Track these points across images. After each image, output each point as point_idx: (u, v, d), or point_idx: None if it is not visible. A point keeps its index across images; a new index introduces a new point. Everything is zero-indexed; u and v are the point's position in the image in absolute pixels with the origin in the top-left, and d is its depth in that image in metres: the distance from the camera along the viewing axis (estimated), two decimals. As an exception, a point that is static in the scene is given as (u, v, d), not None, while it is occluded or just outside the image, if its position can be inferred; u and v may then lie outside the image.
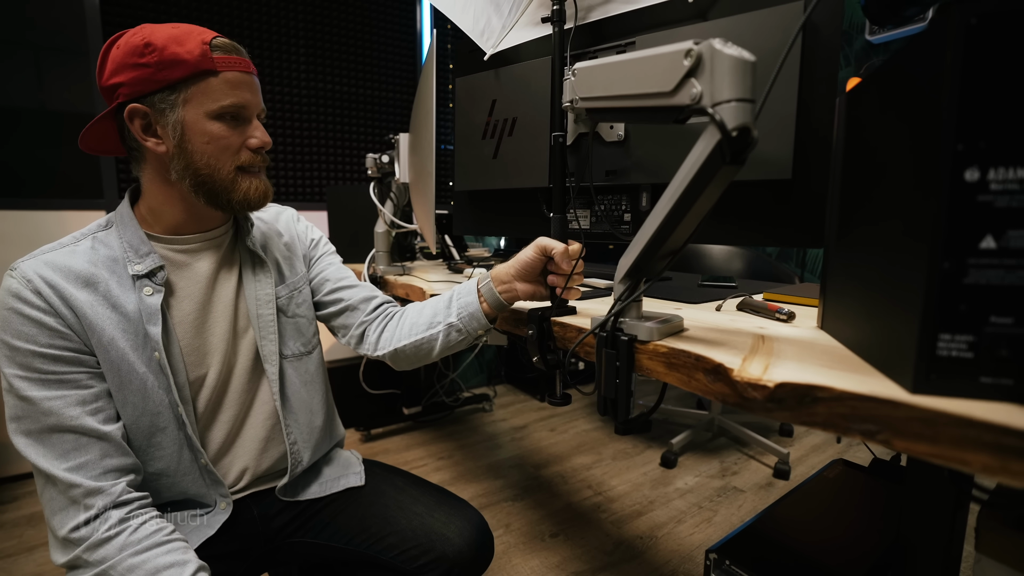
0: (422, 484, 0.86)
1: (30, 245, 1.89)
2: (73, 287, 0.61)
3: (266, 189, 0.71)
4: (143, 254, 0.66)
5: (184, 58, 0.61)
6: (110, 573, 0.57)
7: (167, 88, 0.62)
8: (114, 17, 1.88)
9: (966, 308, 0.37)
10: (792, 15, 0.59)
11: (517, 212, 0.92)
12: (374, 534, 0.77)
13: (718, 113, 0.42)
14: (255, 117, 0.69)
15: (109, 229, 0.68)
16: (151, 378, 0.65)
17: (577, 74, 0.63)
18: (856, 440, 0.54)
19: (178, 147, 0.64)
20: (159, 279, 0.67)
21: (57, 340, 0.60)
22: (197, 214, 0.71)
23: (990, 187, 0.36)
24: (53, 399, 0.59)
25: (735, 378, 0.47)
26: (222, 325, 0.73)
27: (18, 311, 0.58)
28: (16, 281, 0.60)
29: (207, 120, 0.64)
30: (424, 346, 0.77)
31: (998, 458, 0.34)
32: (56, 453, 0.59)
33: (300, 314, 0.81)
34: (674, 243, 0.54)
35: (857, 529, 0.79)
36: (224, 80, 0.64)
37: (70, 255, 0.64)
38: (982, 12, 0.35)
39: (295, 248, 0.84)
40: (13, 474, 1.82)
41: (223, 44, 0.65)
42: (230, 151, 0.66)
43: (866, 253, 0.50)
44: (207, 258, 0.72)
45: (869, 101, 0.50)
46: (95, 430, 0.61)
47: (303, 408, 0.80)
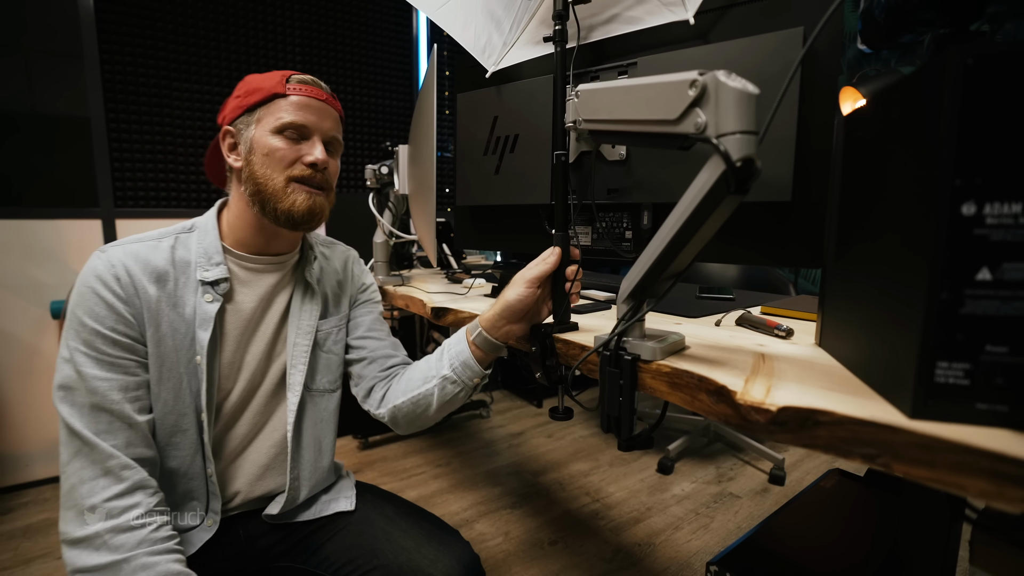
0: (413, 514, 0.84)
1: (26, 255, 1.88)
2: (147, 280, 0.67)
3: (312, 206, 0.72)
4: (215, 263, 0.72)
5: (262, 87, 0.71)
6: (122, 565, 0.58)
7: (247, 111, 0.71)
8: (109, 25, 1.88)
9: (963, 337, 0.39)
10: (792, 40, 0.60)
11: (519, 228, 0.93)
12: (360, 566, 0.75)
13: (723, 144, 0.43)
14: (317, 138, 0.72)
15: (191, 233, 0.74)
16: (186, 379, 0.69)
17: (580, 96, 0.64)
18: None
19: (246, 161, 0.72)
20: (221, 289, 0.72)
21: (120, 326, 0.65)
22: (266, 233, 0.75)
23: (986, 221, 0.38)
24: (102, 379, 0.63)
25: (738, 401, 0.48)
26: (260, 345, 0.76)
27: (96, 291, 0.64)
28: (102, 263, 0.66)
29: (269, 135, 0.70)
30: (421, 402, 0.76)
31: (994, 484, 0.35)
32: (91, 427, 0.61)
33: (334, 352, 0.84)
34: (677, 266, 0.55)
35: (854, 540, 0.81)
36: (290, 101, 0.71)
37: (152, 250, 0.70)
38: (979, 53, 0.37)
39: (346, 288, 0.88)
40: (7, 485, 1.80)
41: (302, 77, 0.73)
42: (284, 163, 0.70)
43: (864, 274, 0.52)
44: (267, 279, 0.77)
45: (868, 128, 0.52)
46: (129, 417, 0.64)
47: (312, 445, 0.81)
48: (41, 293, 1.81)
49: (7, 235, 1.76)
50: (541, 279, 0.69)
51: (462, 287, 1.31)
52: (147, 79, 1.96)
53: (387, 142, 1.93)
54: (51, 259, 1.83)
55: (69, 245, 1.86)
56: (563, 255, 0.70)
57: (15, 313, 1.78)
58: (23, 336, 1.80)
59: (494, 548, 1.51)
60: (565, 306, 0.73)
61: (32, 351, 1.82)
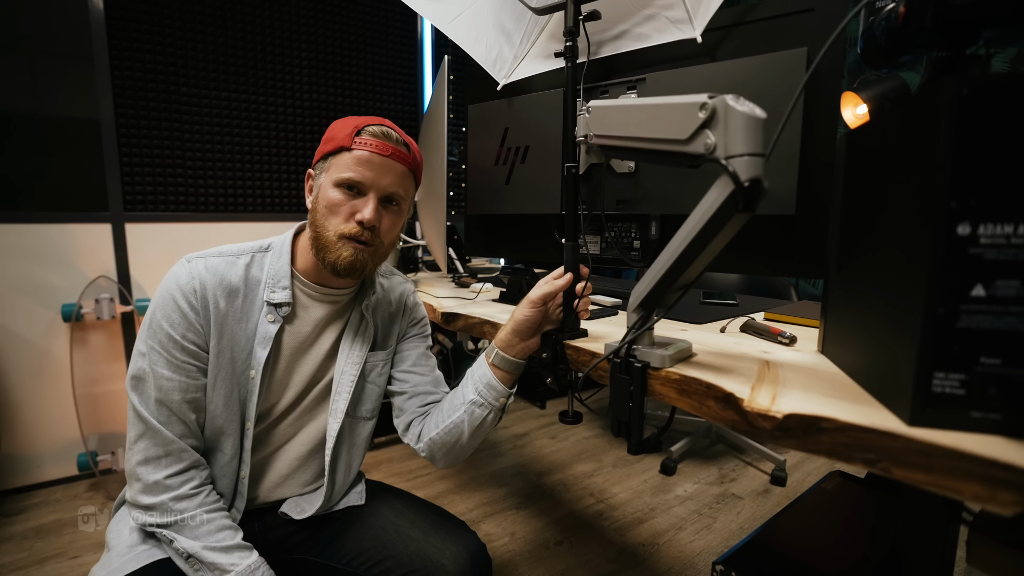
0: (420, 506, 0.87)
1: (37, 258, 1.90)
2: (220, 295, 0.72)
3: (354, 262, 0.74)
4: (282, 287, 0.76)
5: (336, 137, 0.74)
6: (188, 522, 0.68)
7: (323, 159, 0.75)
8: (119, 29, 1.90)
9: (958, 349, 0.41)
10: (796, 60, 0.62)
11: (529, 236, 0.95)
12: (371, 557, 0.79)
13: (731, 165, 0.46)
14: (373, 195, 0.74)
15: (267, 253, 0.78)
16: (237, 389, 0.74)
17: (592, 111, 0.66)
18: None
19: (313, 206, 0.75)
20: (283, 312, 0.76)
21: (190, 334, 0.70)
22: (323, 270, 0.77)
23: (980, 241, 0.40)
24: (168, 379, 0.69)
25: (745, 408, 0.51)
26: (309, 367, 0.80)
27: (175, 299, 0.70)
28: (185, 274, 0.71)
29: (331, 187, 0.73)
30: (453, 432, 0.79)
31: (988, 488, 0.38)
32: (157, 416, 0.69)
33: (377, 383, 0.87)
34: (686, 278, 0.57)
35: (854, 540, 0.83)
36: (353, 156, 0.72)
37: (230, 266, 0.75)
38: (973, 84, 0.39)
39: (397, 320, 0.90)
40: (18, 486, 1.83)
41: (373, 130, 0.74)
42: (339, 217, 0.73)
43: (865, 285, 0.54)
44: (325, 308, 0.80)
45: (868, 146, 0.54)
46: (185, 415, 0.71)
47: (343, 468, 0.84)
48: (52, 296, 1.83)
49: (19, 238, 1.78)
50: (547, 299, 0.73)
51: (469, 292, 1.33)
52: (156, 83, 1.99)
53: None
54: (62, 263, 1.85)
55: (79, 249, 1.88)
56: (571, 265, 0.73)
57: (26, 316, 1.81)
58: (34, 339, 1.82)
59: (500, 548, 1.54)
60: (575, 315, 0.76)
61: (42, 353, 1.84)
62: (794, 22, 0.64)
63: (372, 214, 0.73)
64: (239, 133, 2.21)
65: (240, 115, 2.20)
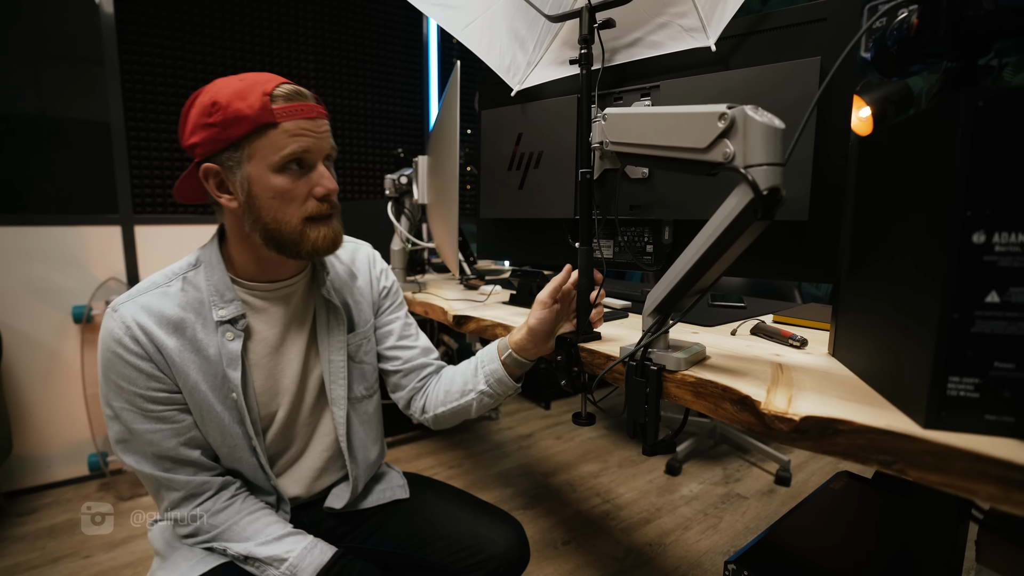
0: (462, 494, 0.92)
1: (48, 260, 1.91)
2: (164, 333, 0.66)
3: (335, 236, 0.71)
4: (227, 300, 0.70)
5: (245, 113, 0.62)
6: (233, 527, 0.69)
7: (232, 146, 0.63)
8: (129, 34, 1.91)
9: (973, 354, 0.42)
10: (809, 69, 0.64)
11: (542, 240, 0.97)
12: (423, 539, 0.82)
13: (751, 174, 0.47)
14: (320, 162, 0.68)
15: (198, 269, 0.71)
16: (227, 415, 0.70)
17: (608, 119, 0.67)
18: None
19: (247, 203, 0.66)
20: (240, 325, 0.70)
21: (153, 383, 0.66)
22: (273, 263, 0.72)
23: (995, 249, 0.41)
24: (154, 432, 0.66)
25: (763, 410, 0.52)
26: (294, 367, 0.77)
27: (120, 355, 0.64)
28: (116, 325, 0.65)
29: (271, 174, 0.64)
30: (460, 412, 0.83)
31: (1002, 489, 0.39)
32: (160, 468, 0.68)
33: (366, 361, 0.85)
34: (703, 284, 0.58)
35: (864, 540, 0.84)
36: (284, 131, 0.63)
37: (163, 298, 0.68)
38: (989, 97, 0.40)
39: (366, 294, 0.86)
40: (30, 486, 1.84)
41: (285, 92, 0.64)
42: (296, 202, 0.66)
43: (877, 291, 0.55)
44: (283, 304, 0.75)
45: (881, 156, 0.55)
46: (187, 456, 0.69)
47: (361, 446, 0.85)
48: (63, 298, 1.85)
49: (30, 241, 1.80)
50: (554, 295, 0.74)
51: (479, 294, 1.34)
52: (165, 86, 2.00)
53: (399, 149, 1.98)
54: (72, 265, 1.87)
55: (90, 251, 1.90)
56: (585, 269, 0.75)
57: (37, 318, 1.82)
58: (45, 340, 1.84)
59: (508, 548, 1.55)
60: (589, 316, 0.77)
61: (53, 355, 1.86)
62: (807, 31, 0.66)
63: (331, 182, 0.68)
64: (247, 135, 2.22)
65: (248, 117, 2.21)
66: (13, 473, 1.81)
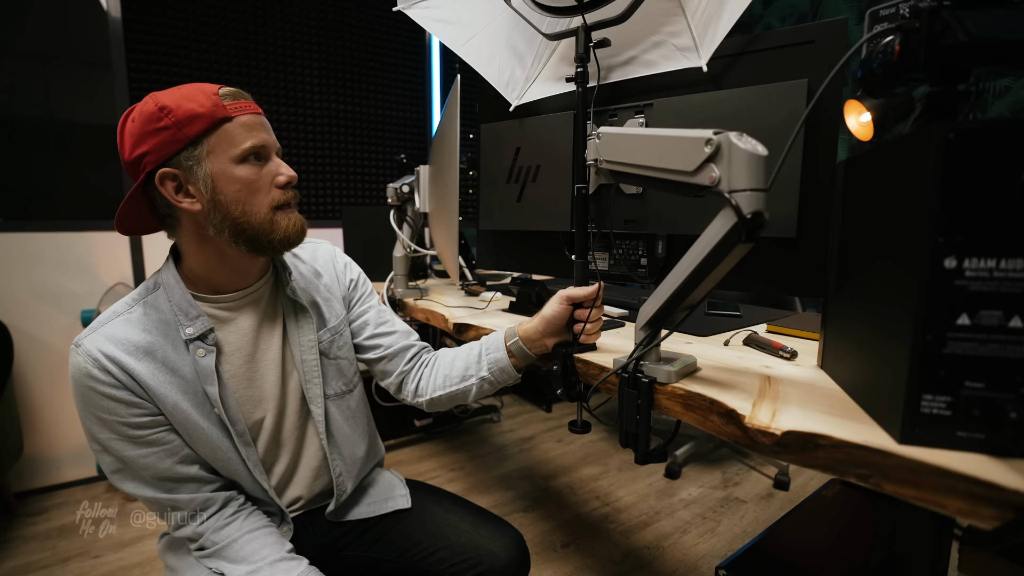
0: (465, 504, 0.93)
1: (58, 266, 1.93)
2: (133, 359, 0.65)
3: (302, 224, 0.72)
4: (192, 317, 0.69)
5: (199, 112, 0.63)
6: (232, 545, 0.70)
7: (190, 144, 0.64)
8: (136, 40, 1.95)
9: (945, 373, 0.44)
10: (797, 91, 0.65)
11: (539, 252, 0.99)
12: (424, 549, 0.83)
13: (735, 199, 0.49)
14: (274, 154, 0.71)
15: (157, 291, 0.71)
16: (214, 430, 0.71)
17: (602, 137, 0.70)
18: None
19: (211, 201, 0.65)
20: (210, 340, 0.70)
21: (134, 409, 0.65)
22: (237, 269, 0.73)
23: (966, 274, 0.43)
24: (147, 456, 0.67)
25: (747, 424, 0.54)
26: (273, 372, 0.77)
27: (93, 388, 0.64)
28: (82, 360, 0.64)
29: (234, 166, 0.65)
30: (458, 396, 0.84)
31: (970, 503, 0.41)
32: (162, 490, 0.69)
33: (341, 356, 0.85)
34: (691, 300, 0.60)
35: (853, 546, 0.86)
36: (240, 124, 0.65)
37: (126, 325, 0.67)
38: (960, 130, 0.42)
39: (334, 289, 0.86)
40: (40, 486, 1.88)
41: (230, 92, 0.67)
42: (262, 192, 0.68)
43: (861, 308, 0.57)
44: (250, 312, 0.75)
45: (864, 178, 0.57)
46: (184, 473, 0.70)
47: (346, 442, 0.85)
48: (72, 302, 1.89)
49: (40, 247, 1.83)
50: (575, 300, 0.76)
51: (479, 300, 1.37)
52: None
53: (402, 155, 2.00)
54: (82, 270, 1.90)
55: (99, 256, 1.93)
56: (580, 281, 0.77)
57: (47, 321, 1.86)
58: (55, 343, 1.88)
59: (508, 550, 1.57)
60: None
61: (63, 358, 1.89)
62: (795, 53, 0.68)
63: (290, 170, 0.70)
64: (252, 141, 2.25)
65: (253, 124, 2.25)
66: (24, 474, 1.84)
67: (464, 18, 0.97)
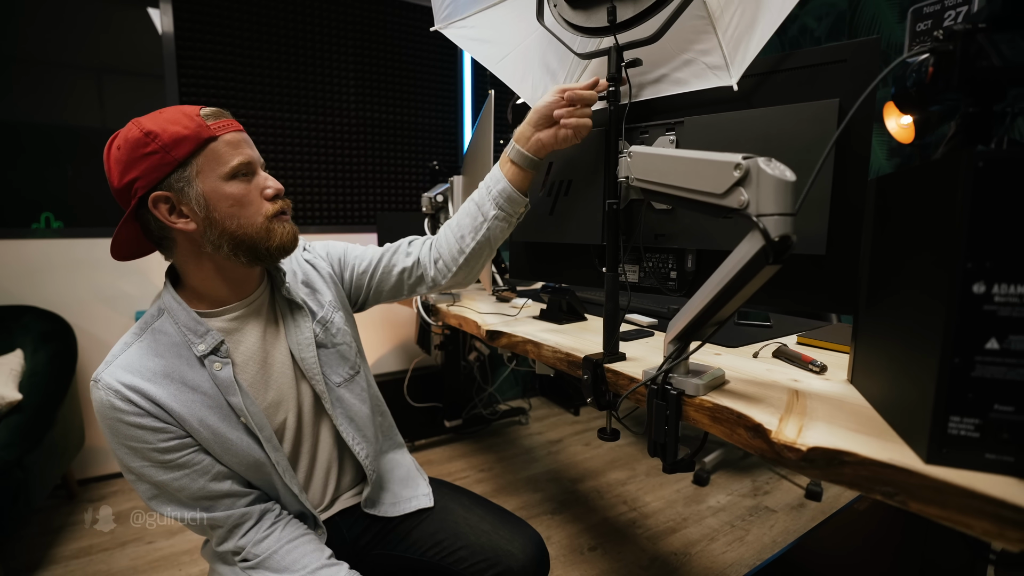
0: (485, 503, 0.96)
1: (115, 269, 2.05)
2: (152, 385, 0.67)
3: (295, 231, 0.75)
4: (201, 333, 0.71)
5: (184, 134, 0.65)
6: (273, 556, 0.72)
7: (179, 167, 0.65)
8: (187, 50, 2.07)
9: (973, 396, 0.45)
10: (828, 111, 0.66)
11: (571, 264, 1.01)
12: (446, 548, 0.87)
13: (763, 223, 0.51)
14: (260, 168, 0.73)
15: (161, 317, 0.72)
16: (244, 439, 0.73)
17: (633, 156, 0.72)
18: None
19: (207, 219, 0.67)
20: (223, 352, 0.72)
21: (162, 435, 0.67)
22: (237, 279, 0.75)
23: (995, 299, 0.44)
24: (180, 479, 0.69)
25: (773, 439, 0.56)
26: (286, 372, 0.79)
27: (120, 419, 0.66)
28: (104, 394, 0.66)
29: (224, 183, 0.68)
30: (476, 253, 0.87)
31: (996, 526, 0.42)
32: (199, 510, 0.72)
33: (339, 341, 0.86)
34: (720, 317, 0.62)
35: (883, 562, 0.86)
36: (225, 142, 0.68)
37: (138, 353, 0.69)
38: (988, 157, 0.43)
39: (312, 278, 0.88)
40: (101, 474, 2.01)
41: (211, 111, 0.69)
42: (254, 205, 0.70)
43: (891, 327, 0.58)
44: (254, 320, 0.78)
45: (895, 198, 0.58)
46: (219, 491, 0.72)
47: (366, 423, 0.87)
48: (127, 303, 2.02)
49: (101, 252, 1.97)
50: (567, 90, 0.80)
51: (511, 307, 1.40)
52: (219, 98, 2.15)
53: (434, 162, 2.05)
54: (136, 273, 2.04)
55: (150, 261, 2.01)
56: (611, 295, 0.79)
57: (105, 321, 1.99)
58: (111, 342, 1.97)
59: (536, 551, 1.61)
60: (615, 339, 0.82)
61: (119, 354, 2.03)
62: (827, 72, 0.68)
63: (276, 182, 0.73)
64: (289, 150, 2.35)
65: (291, 133, 2.35)
66: (86, 463, 1.98)
67: (499, 37, 1.01)
